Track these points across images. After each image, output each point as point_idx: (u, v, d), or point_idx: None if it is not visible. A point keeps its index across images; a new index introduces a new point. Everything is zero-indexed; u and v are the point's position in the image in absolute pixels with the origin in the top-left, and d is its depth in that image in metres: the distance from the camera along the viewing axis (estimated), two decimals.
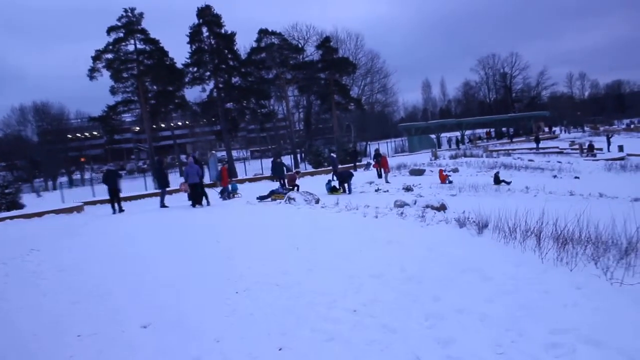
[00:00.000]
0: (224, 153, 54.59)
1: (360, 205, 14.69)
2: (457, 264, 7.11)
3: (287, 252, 8.94)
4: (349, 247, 8.91)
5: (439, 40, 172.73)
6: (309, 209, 15.33)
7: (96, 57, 48.00)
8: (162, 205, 19.77)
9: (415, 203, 15.42)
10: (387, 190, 21.58)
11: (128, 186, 37.00)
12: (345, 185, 22.33)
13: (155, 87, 51.42)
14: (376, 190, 21.82)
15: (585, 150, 45.49)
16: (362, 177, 28.00)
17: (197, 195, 18.92)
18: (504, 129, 72.09)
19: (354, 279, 7.01)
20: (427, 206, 14.38)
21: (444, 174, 25.70)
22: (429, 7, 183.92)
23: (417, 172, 30.17)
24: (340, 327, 5.48)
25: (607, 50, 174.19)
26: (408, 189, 21.46)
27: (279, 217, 13.72)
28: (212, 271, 8.13)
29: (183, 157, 70.75)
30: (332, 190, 22.13)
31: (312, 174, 37.28)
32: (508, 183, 24.35)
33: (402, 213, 12.60)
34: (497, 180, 24.68)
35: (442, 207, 14.62)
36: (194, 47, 50.82)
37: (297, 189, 21.52)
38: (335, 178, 23.73)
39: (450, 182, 24.49)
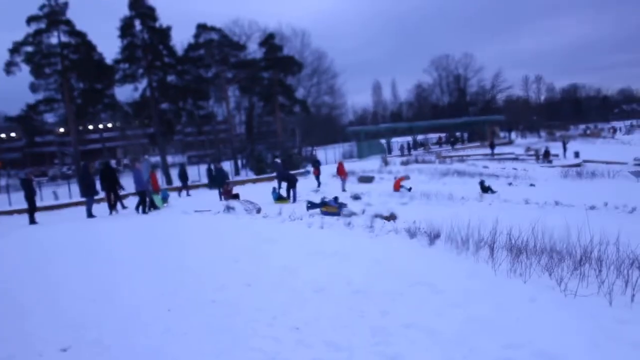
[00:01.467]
0: (158, 158, 53.77)
1: (305, 215, 14.71)
2: (406, 277, 7.19)
3: (225, 266, 8.85)
4: (292, 259, 8.89)
5: (390, 39, 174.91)
6: (249, 219, 15.25)
7: (14, 50, 46.41)
8: (90, 215, 19.31)
9: (363, 212, 15.56)
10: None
11: (48, 195, 36.04)
12: (291, 192, 22.30)
13: (81, 85, 50.17)
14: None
15: (541, 157, 46.88)
16: (306, 185, 28.03)
17: (145, 202, 19.54)
18: (457, 133, 73.59)
19: (297, 293, 7.00)
20: (376, 215, 14.52)
21: (400, 182, 25.90)
22: (379, 2, 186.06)
23: (366, 179, 30.45)
24: (281, 346, 5.44)
25: (563, 53, 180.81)
26: (356, 197, 21.60)
27: (217, 228, 13.58)
28: (141, 287, 7.96)
29: (113, 162, 69.29)
30: (279, 199, 22.06)
31: (254, 181, 37.12)
32: (494, 192, 24.82)
33: (349, 223, 12.68)
34: (484, 189, 25.21)
35: (392, 217, 14.79)
36: (125, 41, 49.88)
37: (237, 198, 21.36)
38: (280, 185, 23.51)
39: (409, 189, 24.75)
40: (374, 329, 5.59)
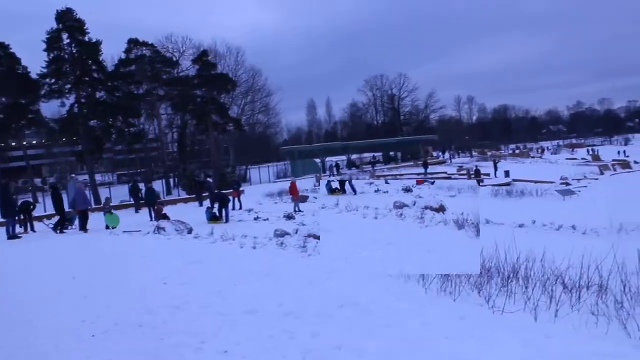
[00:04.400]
0: (86, 177, 52.29)
1: (237, 235, 14.60)
2: (337, 298, 7.21)
3: (153, 288, 8.65)
4: (222, 280, 8.79)
5: (325, 58, 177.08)
6: (180, 239, 15.01)
7: None
8: (10, 237, 18.56)
9: (296, 232, 15.56)
10: (267, 219, 21.63)
11: None
12: (223, 212, 22.10)
13: (4, 99, 48.48)
14: (255, 219, 21.83)
15: (472, 176, 48.06)
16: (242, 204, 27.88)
17: (85, 221, 19.24)
18: (392, 152, 74.70)
19: (227, 316, 6.90)
20: (308, 235, 14.55)
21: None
22: (314, 20, 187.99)
23: (300, 198, 30.48)
24: None
25: (495, 74, 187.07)
26: (290, 217, 21.63)
27: (146, 249, 13.30)
28: (64, 311, 7.68)
29: (38, 180, 67.02)
30: (212, 218, 21.79)
31: (185, 200, 36.59)
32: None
33: (282, 243, 12.66)
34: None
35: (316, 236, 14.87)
36: (52, 55, 48.46)
37: (168, 218, 20.99)
38: (213, 205, 23.25)
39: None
40: (305, 351, 5.55)
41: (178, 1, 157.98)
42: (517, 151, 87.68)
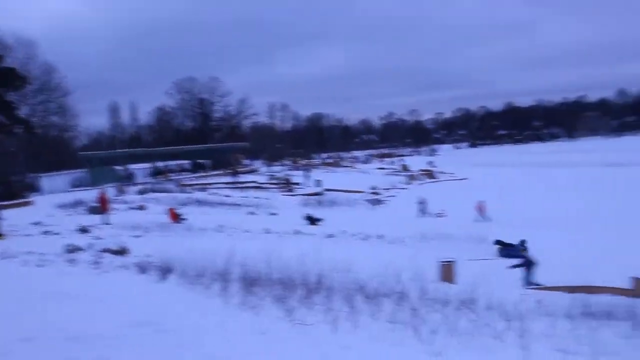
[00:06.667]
0: None
1: (22, 252, 13.60)
2: (132, 317, 6.94)
3: None
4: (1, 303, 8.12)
5: (132, 57, 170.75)
6: None
7: None
8: None
9: (90, 247, 14.84)
10: (59, 233, 20.40)
11: None
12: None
13: None
14: (44, 232, 20.50)
15: (283, 185, 49.13)
16: (24, 217, 25.86)
17: None
18: (201, 160, 74.03)
19: None
20: (104, 250, 13.97)
21: (175, 212, 25.51)
22: (119, 15, 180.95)
23: (97, 209, 29.15)
24: None
25: (310, 82, 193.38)
26: (84, 230, 20.59)
27: None
28: None
29: None
30: None
31: None
32: (319, 220, 27.28)
33: (72, 260, 12.02)
34: (312, 221, 27.10)
35: (124, 251, 14.33)
36: None
37: None
38: None
39: (184, 219, 24.58)
40: None
41: None
42: (329, 160, 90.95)
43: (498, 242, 21.25)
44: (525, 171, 64.47)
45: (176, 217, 25.08)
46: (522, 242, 19.71)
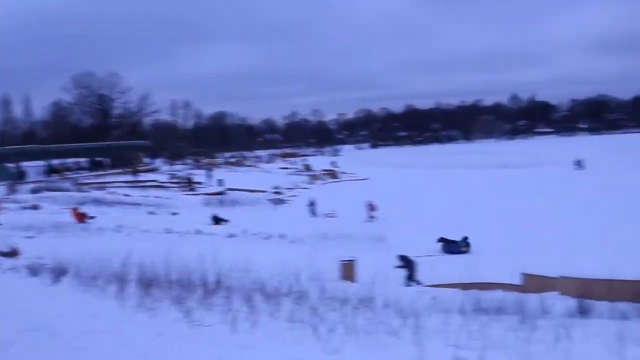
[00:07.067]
0: None
1: None
2: (19, 322, 6.67)
3: None
4: None
5: (25, 47, 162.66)
6: None
7: None
8: None
9: None
10: None
11: None
12: None
13: None
14: None
15: (185, 184, 48.49)
16: None
17: None
18: (99, 158, 71.91)
19: None
20: None
21: (79, 212, 24.60)
22: (12, 1, 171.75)
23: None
24: None
25: (212, 80, 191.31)
26: None
27: None
28: None
29: None
30: None
31: None
32: (225, 220, 27.31)
33: None
34: (216, 220, 27.24)
35: (15, 253, 13.79)
36: None
37: None
38: None
39: (92, 217, 23.82)
40: None
41: None
42: (232, 159, 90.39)
43: (442, 240, 22.12)
44: (425, 172, 66.39)
45: (81, 217, 24.28)
46: (465, 239, 20.86)
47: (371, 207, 31.71)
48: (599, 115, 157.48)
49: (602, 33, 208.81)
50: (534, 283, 13.89)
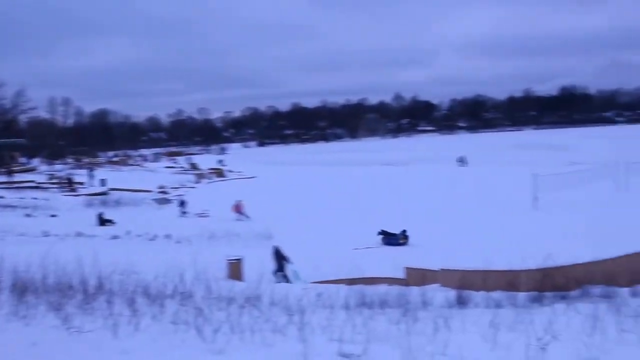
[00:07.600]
0: None
1: None
2: None
3: None
4: None
5: None
6: None
7: None
8: None
9: None
10: None
11: None
12: None
13: None
14: None
15: (65, 185, 46.72)
16: None
17: None
18: None
19: None
20: None
21: None
22: None
23: None
24: None
25: (95, 76, 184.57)
26: None
27: None
28: None
29: None
30: None
31: None
32: (110, 221, 26.69)
33: None
34: (102, 221, 26.59)
35: None
36: None
37: None
38: None
39: None
40: None
41: None
42: (116, 158, 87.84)
43: (382, 232, 22.85)
44: (311, 169, 67.11)
45: None
46: (403, 232, 21.95)
47: (237, 208, 31.52)
48: (476, 114, 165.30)
49: (480, 37, 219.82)
50: (417, 276, 14.33)
